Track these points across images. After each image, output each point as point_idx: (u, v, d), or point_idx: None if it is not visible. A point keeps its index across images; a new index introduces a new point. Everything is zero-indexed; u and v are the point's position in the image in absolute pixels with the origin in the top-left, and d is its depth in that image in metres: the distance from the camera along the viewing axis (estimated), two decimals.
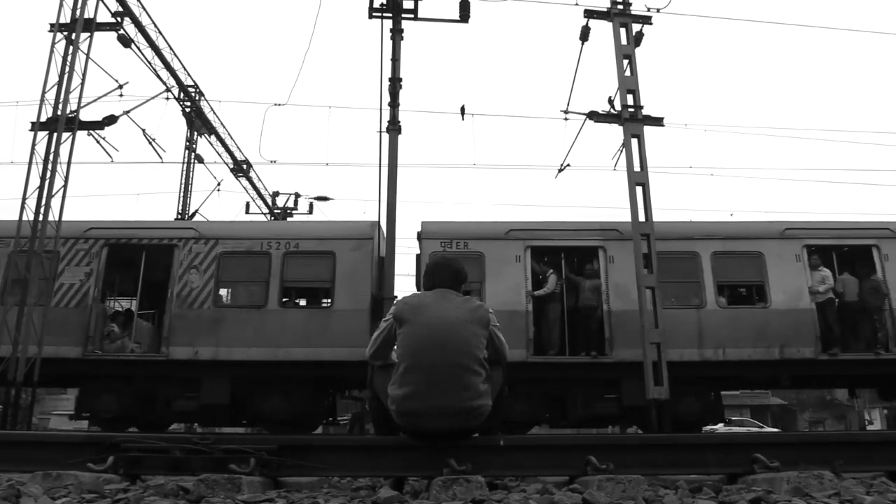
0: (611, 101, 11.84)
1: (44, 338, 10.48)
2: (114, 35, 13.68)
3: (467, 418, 3.34)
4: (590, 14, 12.27)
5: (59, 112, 11.14)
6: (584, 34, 12.44)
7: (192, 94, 18.32)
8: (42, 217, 10.77)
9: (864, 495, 2.79)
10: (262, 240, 11.71)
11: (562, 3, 12.69)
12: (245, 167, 21.34)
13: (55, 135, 11.08)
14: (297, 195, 23.62)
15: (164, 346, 11.23)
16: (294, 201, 23.59)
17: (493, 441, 3.46)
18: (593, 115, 11.79)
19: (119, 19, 13.55)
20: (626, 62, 11.73)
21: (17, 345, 10.27)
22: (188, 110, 18.47)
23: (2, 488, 2.82)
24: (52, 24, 11.65)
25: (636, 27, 12.05)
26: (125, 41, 14.12)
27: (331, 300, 11.45)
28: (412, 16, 12.18)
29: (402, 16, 12.09)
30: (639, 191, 11.08)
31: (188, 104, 18.35)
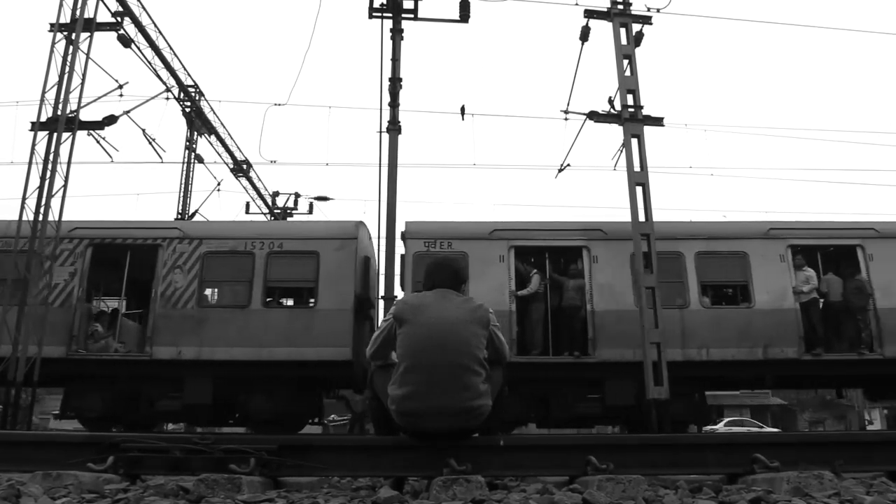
0: (611, 101, 11.85)
1: (29, 337, 10.46)
2: (114, 35, 13.70)
3: (467, 418, 3.34)
4: (590, 14, 12.29)
5: (59, 112, 11.15)
6: (584, 34, 12.46)
7: (192, 94, 18.33)
8: (42, 217, 10.78)
9: (864, 495, 2.79)
10: (245, 240, 11.73)
11: (562, 3, 12.73)
12: (245, 167, 21.34)
13: (55, 135, 11.09)
14: (297, 195, 23.63)
15: (148, 345, 11.24)
16: (294, 201, 23.60)
17: (493, 441, 3.46)
18: (593, 115, 11.81)
19: (119, 19, 13.57)
20: (626, 62, 11.75)
21: (17, 345, 10.28)
22: (188, 110, 18.49)
23: (2, 488, 2.82)
24: (52, 24, 11.66)
25: (636, 27, 12.07)
26: (125, 41, 14.13)
27: (314, 300, 11.46)
28: (412, 16, 12.19)
29: (402, 16, 12.09)
30: (639, 191, 11.09)
31: (188, 104, 18.36)
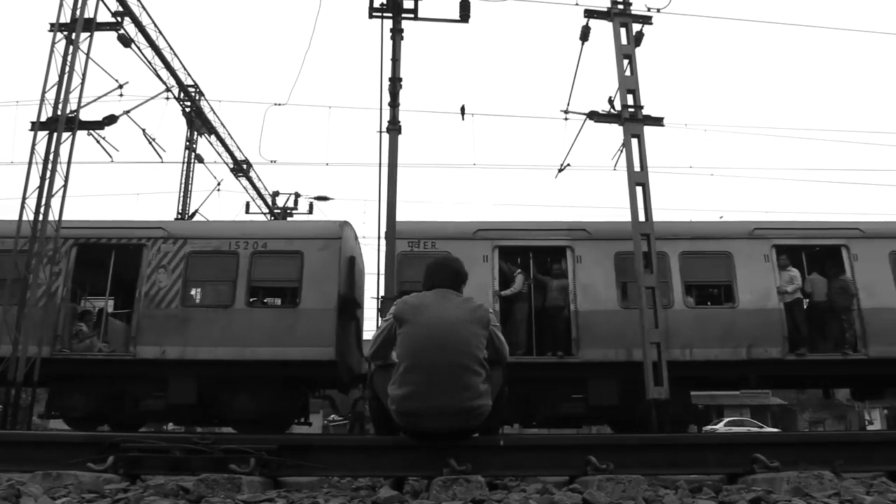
0: (611, 101, 11.85)
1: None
2: (114, 35, 13.68)
3: (467, 418, 3.33)
4: (590, 14, 12.29)
5: (59, 112, 11.15)
6: (585, 34, 12.45)
7: (192, 94, 18.31)
8: (42, 217, 10.78)
9: (864, 495, 2.79)
10: (230, 239, 11.73)
11: (562, 3, 12.72)
12: (245, 167, 21.32)
13: (55, 135, 11.08)
14: (297, 195, 23.59)
15: (132, 345, 11.23)
16: (294, 201, 23.57)
17: (493, 441, 3.46)
18: (593, 115, 11.81)
19: (119, 19, 13.56)
20: (626, 62, 11.75)
21: (18, 345, 10.28)
22: (188, 110, 18.47)
23: (2, 488, 2.82)
24: (52, 24, 11.65)
25: (636, 27, 12.07)
26: (125, 41, 14.11)
27: (298, 300, 11.45)
28: (412, 16, 12.15)
29: (402, 16, 12.05)
30: (639, 191, 11.09)
31: (188, 104, 18.34)
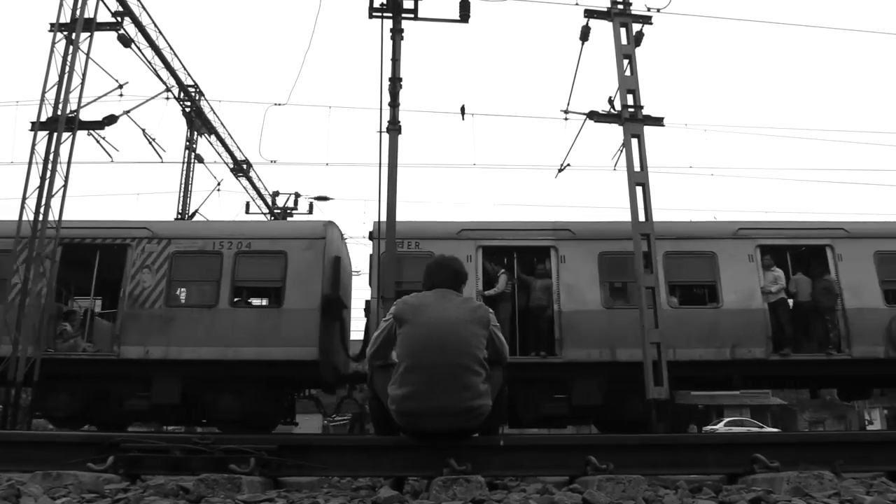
0: (611, 101, 11.83)
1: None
2: (114, 35, 13.67)
3: (467, 418, 3.34)
4: (590, 14, 12.27)
5: (59, 112, 11.14)
6: (585, 34, 12.44)
7: (192, 94, 18.31)
8: (42, 217, 10.78)
9: (864, 495, 2.79)
10: (214, 239, 11.74)
11: (562, 3, 12.69)
12: (245, 167, 21.32)
13: (55, 135, 11.07)
14: (297, 195, 23.58)
15: (116, 345, 11.22)
16: (294, 201, 23.55)
17: (493, 441, 3.46)
18: (593, 115, 11.79)
19: (119, 19, 13.55)
20: (626, 62, 11.73)
21: (18, 344, 10.27)
22: (188, 110, 18.47)
23: (2, 488, 2.82)
24: (52, 24, 11.64)
25: (636, 27, 12.05)
26: (125, 41, 14.11)
27: (282, 300, 11.46)
28: (412, 16, 12.13)
29: (402, 16, 12.04)
30: (639, 191, 11.07)
31: (188, 104, 18.34)
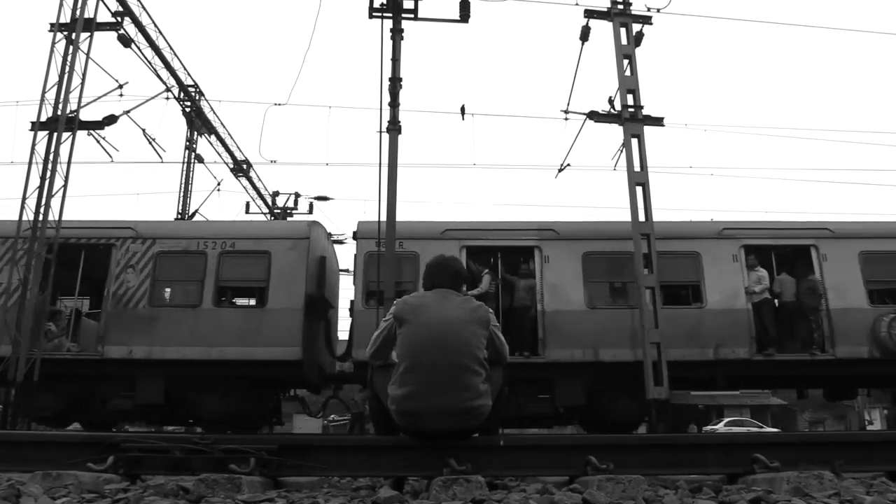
0: (611, 101, 11.85)
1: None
2: (114, 35, 13.67)
3: (467, 418, 3.34)
4: (590, 14, 12.28)
5: (59, 112, 11.14)
6: (585, 34, 12.45)
7: (192, 94, 18.30)
8: (42, 217, 10.78)
9: (864, 495, 2.79)
10: (198, 239, 11.77)
11: (562, 3, 12.70)
12: (245, 167, 21.31)
13: (55, 135, 11.08)
14: (297, 195, 23.58)
15: (100, 345, 11.22)
16: (294, 201, 23.55)
17: (493, 441, 3.46)
18: (593, 115, 11.81)
19: (119, 19, 13.55)
20: (626, 62, 11.75)
21: (18, 344, 10.27)
22: (188, 110, 18.46)
23: (2, 488, 2.82)
24: (52, 24, 11.65)
25: (636, 27, 12.07)
26: (125, 41, 14.10)
27: (266, 299, 11.46)
28: (412, 16, 12.13)
29: (402, 16, 12.04)
30: (639, 191, 11.09)
31: (188, 104, 18.34)
